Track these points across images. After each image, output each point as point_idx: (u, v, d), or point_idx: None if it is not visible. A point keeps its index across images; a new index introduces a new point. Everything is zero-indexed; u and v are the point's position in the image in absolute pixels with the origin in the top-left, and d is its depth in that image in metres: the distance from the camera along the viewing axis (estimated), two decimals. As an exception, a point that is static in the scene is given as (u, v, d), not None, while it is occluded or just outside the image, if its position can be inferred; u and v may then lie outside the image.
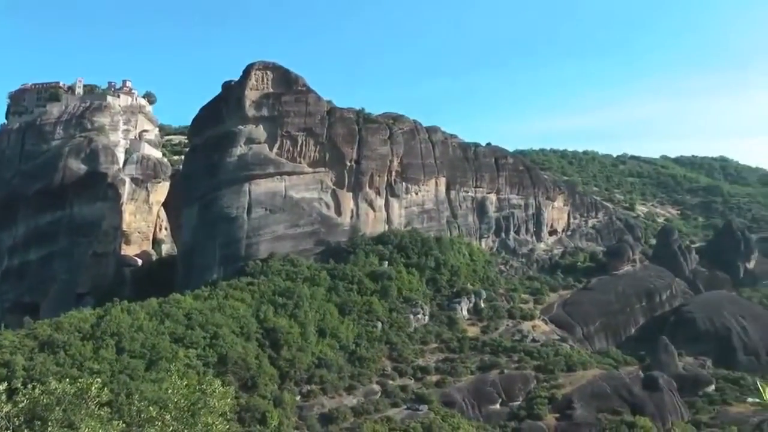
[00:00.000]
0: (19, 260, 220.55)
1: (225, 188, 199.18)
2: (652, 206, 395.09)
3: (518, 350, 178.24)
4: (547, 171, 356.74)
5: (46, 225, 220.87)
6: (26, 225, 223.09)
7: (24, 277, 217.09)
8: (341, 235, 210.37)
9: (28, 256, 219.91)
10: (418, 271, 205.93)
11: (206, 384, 30.22)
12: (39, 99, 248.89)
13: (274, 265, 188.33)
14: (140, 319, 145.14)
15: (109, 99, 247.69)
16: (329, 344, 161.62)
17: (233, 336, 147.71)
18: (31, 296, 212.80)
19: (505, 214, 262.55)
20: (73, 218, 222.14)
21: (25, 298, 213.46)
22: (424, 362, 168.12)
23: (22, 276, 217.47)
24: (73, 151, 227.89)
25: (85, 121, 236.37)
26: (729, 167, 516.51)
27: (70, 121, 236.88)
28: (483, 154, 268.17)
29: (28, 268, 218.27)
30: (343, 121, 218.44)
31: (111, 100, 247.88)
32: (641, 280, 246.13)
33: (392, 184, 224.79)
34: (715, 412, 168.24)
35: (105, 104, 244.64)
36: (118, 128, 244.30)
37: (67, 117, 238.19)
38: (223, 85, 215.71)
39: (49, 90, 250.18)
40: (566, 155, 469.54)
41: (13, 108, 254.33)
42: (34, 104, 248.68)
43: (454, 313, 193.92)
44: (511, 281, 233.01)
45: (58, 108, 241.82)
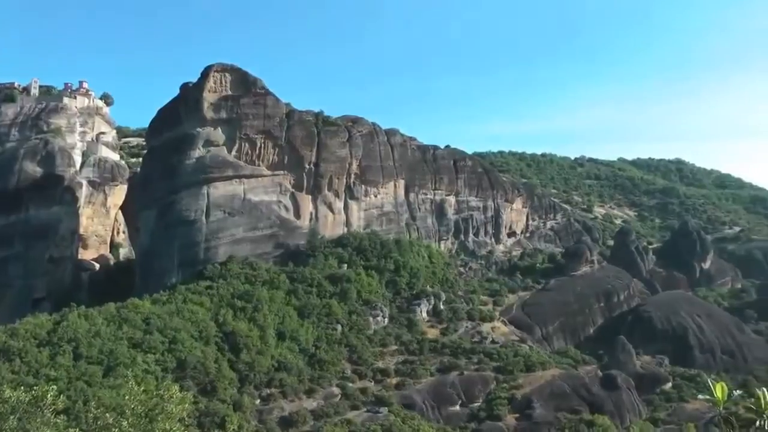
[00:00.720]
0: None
1: (183, 191, 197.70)
2: (609, 208, 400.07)
3: (478, 351, 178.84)
4: (506, 173, 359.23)
5: (1, 229, 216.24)
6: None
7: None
8: (300, 238, 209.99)
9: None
10: (377, 274, 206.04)
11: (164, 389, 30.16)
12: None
13: (233, 269, 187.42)
14: (98, 324, 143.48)
15: (66, 100, 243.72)
16: (289, 347, 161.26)
17: (192, 340, 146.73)
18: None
19: (464, 216, 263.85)
20: (28, 222, 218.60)
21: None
22: (383, 364, 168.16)
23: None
24: (29, 153, 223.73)
25: (40, 122, 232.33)
26: (685, 170, 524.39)
27: (26, 122, 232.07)
28: (442, 156, 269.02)
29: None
30: (302, 124, 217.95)
31: (67, 101, 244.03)
32: (599, 280, 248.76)
33: (351, 187, 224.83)
34: (671, 409, 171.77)
35: (61, 106, 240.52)
36: (74, 130, 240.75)
37: (22, 119, 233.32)
38: (181, 87, 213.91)
39: (3, 91, 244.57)
40: (525, 158, 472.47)
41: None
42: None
43: (414, 315, 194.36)
44: (471, 283, 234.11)
45: (12, 109, 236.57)
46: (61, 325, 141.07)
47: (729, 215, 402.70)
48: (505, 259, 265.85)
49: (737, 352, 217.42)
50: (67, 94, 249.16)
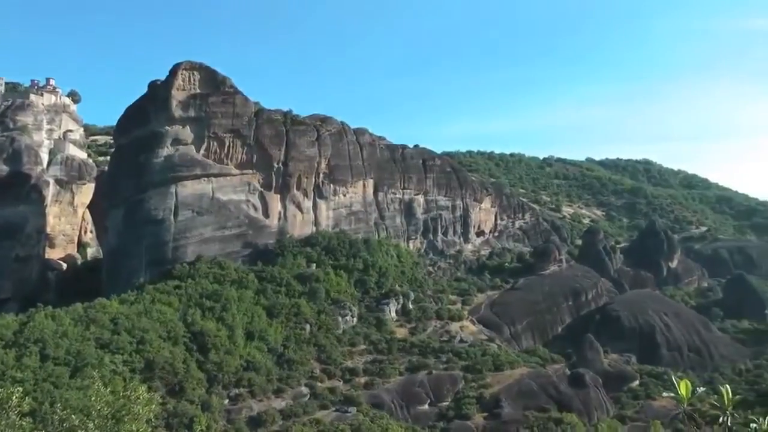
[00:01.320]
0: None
1: (151, 190, 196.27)
2: (578, 207, 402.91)
3: (446, 351, 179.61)
4: (475, 173, 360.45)
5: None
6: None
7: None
8: (269, 237, 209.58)
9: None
10: (346, 273, 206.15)
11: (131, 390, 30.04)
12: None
13: (202, 268, 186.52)
14: (65, 324, 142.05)
15: (33, 98, 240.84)
16: (257, 347, 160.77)
17: (160, 340, 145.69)
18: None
19: (432, 215, 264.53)
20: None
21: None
22: (352, 364, 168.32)
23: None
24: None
25: (7, 120, 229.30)
26: (652, 170, 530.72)
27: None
28: (411, 155, 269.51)
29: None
30: (271, 123, 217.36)
31: (34, 98, 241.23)
32: (567, 279, 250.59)
33: (320, 186, 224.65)
34: (639, 407, 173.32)
35: (28, 103, 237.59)
36: (41, 128, 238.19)
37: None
38: (149, 85, 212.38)
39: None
40: (493, 157, 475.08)
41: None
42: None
43: (383, 314, 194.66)
44: (439, 282, 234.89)
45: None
46: (27, 326, 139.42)
47: (695, 215, 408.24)
48: (473, 259, 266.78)
49: (704, 349, 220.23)
50: (34, 91, 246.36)
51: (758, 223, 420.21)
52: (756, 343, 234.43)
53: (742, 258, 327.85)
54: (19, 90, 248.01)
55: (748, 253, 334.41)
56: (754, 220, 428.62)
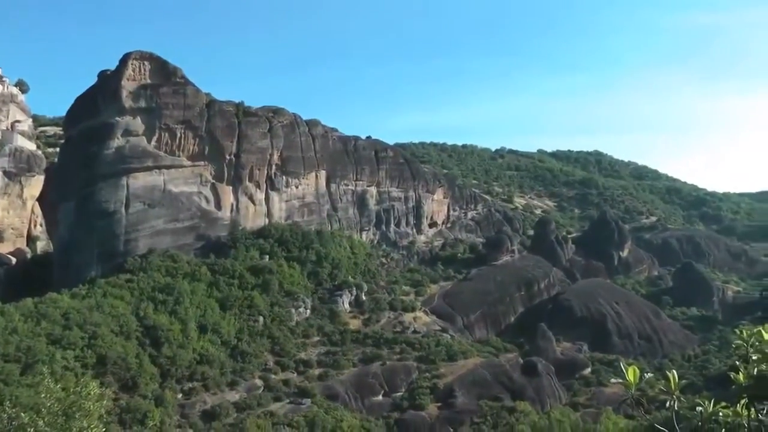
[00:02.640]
0: None
1: (102, 182, 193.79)
2: (530, 198, 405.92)
3: (400, 341, 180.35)
4: (427, 164, 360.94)
5: None
6: None
7: None
8: (221, 230, 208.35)
9: None
10: (299, 265, 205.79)
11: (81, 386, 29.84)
12: None
13: (154, 261, 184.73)
14: (15, 320, 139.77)
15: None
16: (210, 340, 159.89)
17: (113, 335, 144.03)
18: None
19: (385, 207, 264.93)
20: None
21: None
22: (306, 356, 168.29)
23: None
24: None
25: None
26: (603, 161, 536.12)
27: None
28: (363, 147, 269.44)
29: None
30: (222, 114, 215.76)
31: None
32: (520, 270, 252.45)
33: (272, 178, 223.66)
34: (591, 394, 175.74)
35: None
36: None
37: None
38: (98, 75, 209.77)
39: None
40: (446, 149, 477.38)
41: None
42: None
43: (336, 306, 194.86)
44: (392, 273, 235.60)
45: None
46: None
47: (646, 205, 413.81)
48: (426, 250, 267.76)
49: (654, 337, 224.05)
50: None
51: (706, 213, 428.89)
52: (704, 330, 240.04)
53: (691, 247, 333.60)
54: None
55: (696, 242, 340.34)
56: (703, 209, 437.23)
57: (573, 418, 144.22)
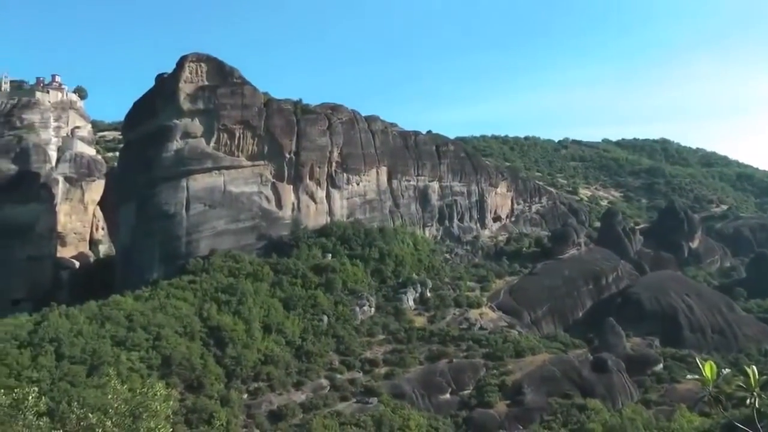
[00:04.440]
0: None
1: (162, 184, 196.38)
2: (595, 189, 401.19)
3: (466, 338, 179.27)
4: (489, 157, 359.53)
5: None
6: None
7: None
8: (283, 229, 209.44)
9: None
10: (362, 263, 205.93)
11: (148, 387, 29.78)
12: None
13: (216, 262, 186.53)
14: (80, 323, 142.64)
15: (38, 95, 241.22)
16: (275, 340, 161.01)
17: (177, 336, 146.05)
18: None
19: (448, 201, 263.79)
20: (4, 221, 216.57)
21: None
22: (371, 355, 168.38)
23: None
24: (2, 150, 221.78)
25: (13, 118, 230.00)
26: (670, 149, 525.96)
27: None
28: (424, 141, 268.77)
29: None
30: (281, 113, 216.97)
31: (40, 96, 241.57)
32: (587, 263, 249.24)
33: (333, 176, 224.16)
34: (663, 391, 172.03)
35: (34, 101, 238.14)
36: (48, 125, 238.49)
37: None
38: (156, 78, 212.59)
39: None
40: (508, 141, 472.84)
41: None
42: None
43: (401, 303, 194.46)
44: (457, 269, 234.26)
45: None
46: (41, 326, 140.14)
47: (716, 193, 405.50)
48: (491, 244, 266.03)
49: (727, 330, 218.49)
50: (40, 88, 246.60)
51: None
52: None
53: (765, 235, 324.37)
54: (24, 88, 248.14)
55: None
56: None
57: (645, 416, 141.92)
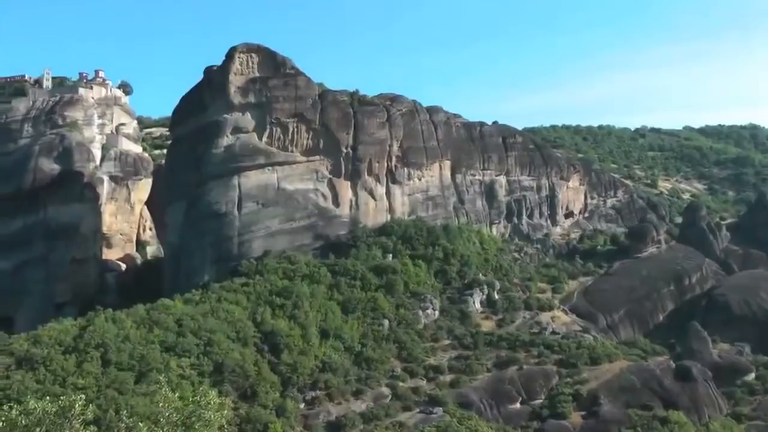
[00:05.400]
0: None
1: (212, 182, 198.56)
2: (676, 182, 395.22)
3: (537, 344, 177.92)
4: (560, 149, 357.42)
5: (18, 231, 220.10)
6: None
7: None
8: (340, 228, 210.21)
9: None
10: (425, 263, 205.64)
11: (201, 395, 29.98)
12: (2, 95, 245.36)
13: (270, 264, 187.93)
14: (127, 328, 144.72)
15: (81, 91, 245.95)
16: (333, 346, 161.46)
17: (229, 342, 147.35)
18: (4, 309, 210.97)
19: (516, 197, 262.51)
20: (47, 222, 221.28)
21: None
22: (436, 361, 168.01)
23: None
24: (44, 149, 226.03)
25: (55, 116, 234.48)
26: (760, 136, 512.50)
27: (39, 117, 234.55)
28: (489, 133, 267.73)
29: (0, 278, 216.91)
30: (337, 105, 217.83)
31: (83, 92, 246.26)
32: (668, 262, 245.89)
33: (393, 171, 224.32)
34: (756, 403, 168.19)
35: (77, 97, 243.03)
36: (92, 123, 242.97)
37: (35, 113, 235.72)
38: (204, 71, 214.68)
39: (13, 84, 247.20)
40: (580, 131, 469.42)
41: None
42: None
43: (466, 306, 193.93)
44: (527, 269, 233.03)
45: (24, 104, 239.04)
46: (87, 330, 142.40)
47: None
48: (562, 243, 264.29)
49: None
50: (83, 84, 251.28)
51: None
52: None
53: None
54: (66, 84, 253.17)
55: None
56: None
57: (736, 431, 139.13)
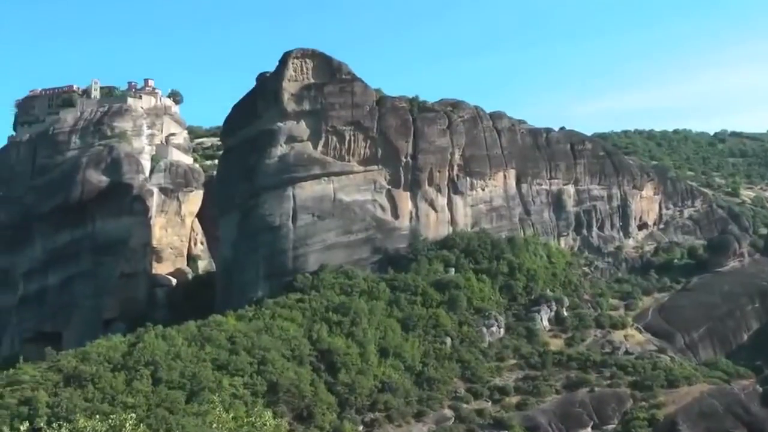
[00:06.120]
0: (37, 285, 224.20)
1: (265, 194, 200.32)
2: (760, 190, 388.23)
3: (609, 364, 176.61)
4: (633, 155, 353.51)
5: (66, 245, 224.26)
6: (43, 246, 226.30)
7: (43, 304, 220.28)
8: (400, 241, 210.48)
9: (47, 280, 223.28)
10: (489, 278, 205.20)
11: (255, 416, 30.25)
12: (50, 106, 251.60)
13: (326, 278, 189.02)
14: (178, 345, 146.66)
15: (130, 101, 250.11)
16: (393, 365, 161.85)
17: (284, 360, 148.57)
18: (52, 324, 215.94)
19: (585, 207, 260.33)
20: (95, 236, 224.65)
21: (45, 326, 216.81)
22: (501, 382, 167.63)
23: (42, 302, 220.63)
24: (92, 161, 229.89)
25: (103, 127, 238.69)
26: None
27: (87, 128, 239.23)
28: (556, 140, 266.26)
29: (47, 293, 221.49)
30: (395, 112, 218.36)
31: (132, 102, 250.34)
32: (752, 277, 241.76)
33: (455, 180, 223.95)
34: None
35: (125, 107, 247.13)
36: (141, 133, 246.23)
37: (83, 124, 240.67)
38: (257, 78, 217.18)
39: (61, 95, 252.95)
40: (654, 136, 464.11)
41: (22, 117, 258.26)
42: (46, 112, 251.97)
43: (533, 323, 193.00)
44: (597, 285, 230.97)
45: (72, 114, 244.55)
46: (136, 347, 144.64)
47: None
48: (636, 256, 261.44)
49: None
50: (132, 94, 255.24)
51: None
52: None
53: None
54: (115, 94, 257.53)
55: None
56: None
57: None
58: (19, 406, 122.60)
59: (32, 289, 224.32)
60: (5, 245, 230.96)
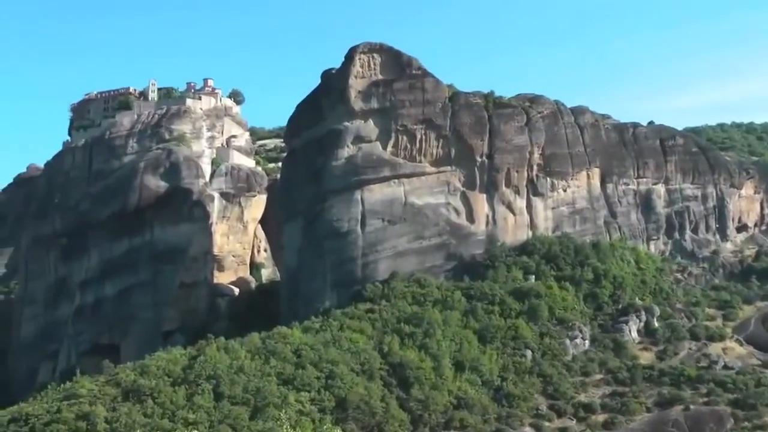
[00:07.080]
0: (93, 296, 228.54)
1: (332, 198, 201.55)
2: None
3: (706, 380, 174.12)
4: (730, 151, 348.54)
5: (124, 254, 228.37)
6: (100, 255, 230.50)
7: (100, 315, 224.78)
8: (476, 247, 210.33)
9: (104, 290, 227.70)
10: (572, 286, 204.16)
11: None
12: (106, 109, 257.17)
13: (398, 287, 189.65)
14: (241, 358, 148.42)
15: (189, 102, 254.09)
16: (469, 380, 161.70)
17: (353, 375, 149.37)
18: (109, 337, 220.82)
19: (677, 208, 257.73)
20: (154, 244, 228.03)
21: (102, 338, 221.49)
22: (586, 398, 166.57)
23: (98, 314, 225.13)
24: (150, 166, 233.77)
25: (161, 130, 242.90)
26: None
27: (145, 131, 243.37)
28: (645, 135, 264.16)
29: (104, 304, 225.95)
30: (469, 108, 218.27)
31: (191, 103, 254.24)
32: None
33: (534, 181, 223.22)
34: None
35: (184, 109, 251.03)
36: (201, 136, 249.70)
37: (140, 127, 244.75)
38: (322, 75, 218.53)
39: (117, 98, 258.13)
40: (753, 129, 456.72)
41: (77, 122, 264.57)
42: (101, 115, 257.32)
43: (621, 335, 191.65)
44: (692, 293, 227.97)
45: (129, 118, 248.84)
46: (197, 361, 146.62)
47: None
48: (735, 261, 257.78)
49: None
50: (191, 95, 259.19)
51: None
52: None
53: None
54: (173, 95, 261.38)
55: None
56: None
57: None
58: (76, 422, 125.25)
59: (88, 300, 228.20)
60: (60, 254, 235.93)
